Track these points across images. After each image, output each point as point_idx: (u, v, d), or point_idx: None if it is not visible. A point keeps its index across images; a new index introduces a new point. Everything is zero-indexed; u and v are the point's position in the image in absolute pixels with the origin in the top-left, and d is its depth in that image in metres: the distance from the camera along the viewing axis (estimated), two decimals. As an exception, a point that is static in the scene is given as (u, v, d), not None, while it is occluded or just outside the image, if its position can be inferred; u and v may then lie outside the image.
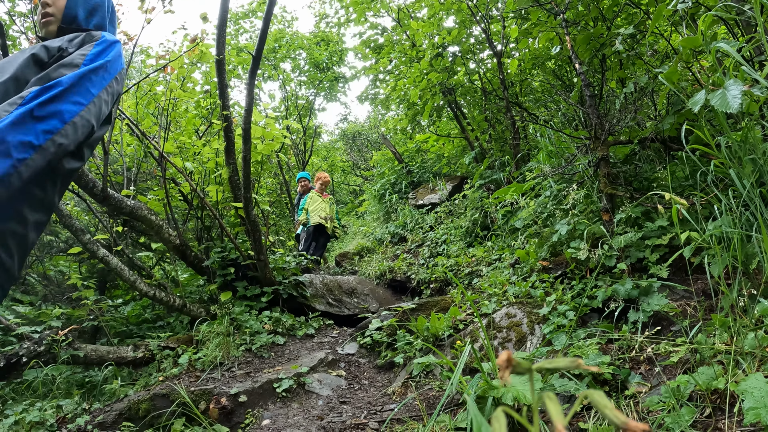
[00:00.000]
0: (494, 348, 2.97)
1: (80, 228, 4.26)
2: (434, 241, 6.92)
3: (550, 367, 0.56)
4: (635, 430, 0.48)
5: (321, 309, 5.27)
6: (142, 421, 2.93)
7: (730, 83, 2.00)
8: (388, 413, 2.73)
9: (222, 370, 3.60)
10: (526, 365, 0.54)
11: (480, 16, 6.32)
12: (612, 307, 2.73)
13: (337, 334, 4.81)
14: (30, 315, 4.87)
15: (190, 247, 4.73)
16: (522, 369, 0.54)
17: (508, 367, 0.52)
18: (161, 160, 4.49)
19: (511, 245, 4.85)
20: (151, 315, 5.30)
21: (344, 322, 5.22)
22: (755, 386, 1.52)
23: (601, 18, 3.94)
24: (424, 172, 9.96)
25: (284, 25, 14.94)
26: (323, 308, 5.30)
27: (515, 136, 6.07)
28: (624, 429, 0.48)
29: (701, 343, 2.03)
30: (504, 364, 0.51)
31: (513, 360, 0.52)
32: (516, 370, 0.52)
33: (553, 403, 0.50)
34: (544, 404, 0.51)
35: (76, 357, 3.74)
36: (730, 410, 1.69)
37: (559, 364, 0.55)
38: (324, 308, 5.31)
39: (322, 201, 8.40)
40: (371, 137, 16.28)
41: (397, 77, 8.58)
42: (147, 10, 4.30)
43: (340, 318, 5.27)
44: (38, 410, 3.05)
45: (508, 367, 0.51)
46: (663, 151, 3.49)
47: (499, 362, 0.52)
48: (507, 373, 0.51)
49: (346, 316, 5.29)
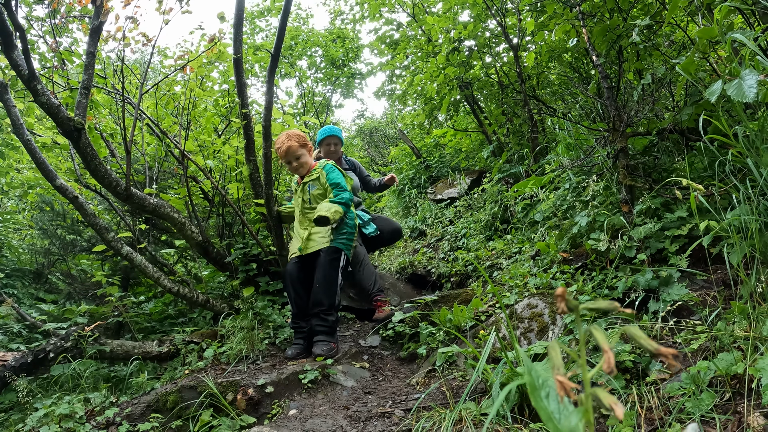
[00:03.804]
0: (516, 338, 3.01)
1: (104, 226, 4.35)
2: (454, 235, 6.95)
3: (594, 307, 0.64)
4: (666, 354, 0.55)
5: (343, 303, 5.33)
6: (170, 412, 3.01)
7: (746, 73, 2.02)
8: (412, 402, 2.78)
9: (247, 363, 3.68)
10: (575, 302, 0.62)
11: (495, 9, 6.33)
12: (632, 297, 2.75)
13: (359, 327, 4.87)
14: (54, 312, 4.98)
15: (212, 244, 4.80)
16: (572, 305, 0.61)
17: (563, 300, 0.59)
18: (182, 158, 4.57)
19: (531, 238, 4.87)
20: (174, 311, 5.38)
21: (366, 315, 5.27)
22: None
23: (617, 9, 3.94)
24: (443, 167, 9.97)
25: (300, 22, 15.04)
26: (345, 302, 5.36)
27: (533, 129, 6.07)
28: (657, 353, 0.55)
29: (721, 330, 2.06)
30: (560, 297, 0.59)
31: (566, 295, 0.60)
32: (568, 305, 0.60)
33: (599, 332, 0.57)
34: (591, 334, 0.58)
35: (103, 352, 3.84)
36: (749, 394, 1.72)
37: (601, 305, 0.63)
38: (346, 302, 5.37)
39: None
40: (388, 133, 16.29)
41: (413, 72, 8.61)
42: (165, 11, 4.37)
43: (362, 312, 5.33)
44: (67, 403, 3.13)
45: (563, 300, 0.59)
46: (681, 141, 3.50)
47: (557, 294, 0.63)
48: (563, 305, 0.59)
49: (367, 309, 5.35)
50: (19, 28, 3.30)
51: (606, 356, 0.55)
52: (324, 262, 3.96)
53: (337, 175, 4.20)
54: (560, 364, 0.56)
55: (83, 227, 6.09)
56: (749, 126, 2.29)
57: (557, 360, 0.57)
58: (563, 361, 0.86)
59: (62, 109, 3.50)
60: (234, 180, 5.17)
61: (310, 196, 4.19)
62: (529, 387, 0.58)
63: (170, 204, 4.47)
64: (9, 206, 8.07)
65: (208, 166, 4.79)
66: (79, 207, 4.24)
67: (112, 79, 5.18)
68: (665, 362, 0.57)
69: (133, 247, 4.66)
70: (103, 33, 4.14)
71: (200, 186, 5.14)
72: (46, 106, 3.44)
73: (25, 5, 5.34)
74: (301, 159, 4.20)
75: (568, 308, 0.59)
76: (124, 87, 4.25)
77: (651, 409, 1.92)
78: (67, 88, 4.53)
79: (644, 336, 0.58)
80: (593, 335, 0.59)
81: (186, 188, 4.67)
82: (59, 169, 5.48)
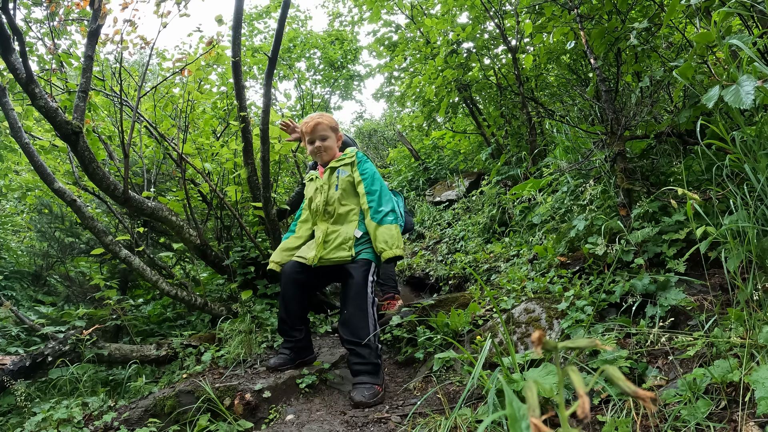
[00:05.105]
0: (513, 343, 3.01)
1: (102, 229, 4.35)
2: (452, 238, 6.95)
3: (572, 346, 0.64)
4: (644, 397, 0.55)
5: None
6: (167, 417, 3.01)
7: (744, 79, 2.02)
8: (409, 407, 2.78)
9: (245, 367, 3.67)
10: (553, 343, 0.62)
11: (494, 11, 6.33)
12: (629, 302, 2.75)
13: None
14: (53, 315, 4.97)
15: (210, 247, 4.80)
16: (550, 346, 0.61)
17: (539, 344, 0.59)
18: (180, 161, 4.57)
19: (529, 241, 4.87)
20: (173, 314, 5.38)
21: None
22: (767, 377, 1.55)
23: (616, 11, 3.94)
24: (441, 169, 9.97)
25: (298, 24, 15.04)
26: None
27: (531, 131, 6.07)
28: (634, 396, 0.55)
29: (717, 336, 2.06)
30: (536, 341, 0.59)
31: (543, 338, 0.59)
32: (545, 347, 0.60)
33: (575, 375, 0.57)
34: (568, 377, 0.58)
35: (101, 356, 3.84)
36: (745, 402, 1.72)
37: (580, 344, 0.62)
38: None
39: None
40: (387, 134, 16.30)
41: (412, 74, 8.61)
42: (163, 14, 4.37)
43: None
44: (65, 407, 3.13)
45: (539, 344, 0.59)
46: (679, 145, 3.50)
47: (533, 339, 0.61)
48: (539, 348, 0.59)
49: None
50: (17, 32, 3.30)
51: (581, 401, 0.55)
52: (356, 282, 3.28)
53: (369, 165, 3.62)
54: (536, 405, 0.56)
55: (82, 230, 6.08)
56: (747, 131, 2.29)
57: (533, 401, 0.56)
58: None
59: (60, 113, 3.50)
60: (232, 183, 5.17)
61: (339, 183, 3.55)
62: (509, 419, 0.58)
63: (168, 207, 4.46)
64: (7, 208, 8.07)
65: (206, 169, 4.78)
66: (77, 210, 4.24)
67: (110, 81, 5.18)
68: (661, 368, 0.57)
69: (132, 250, 4.66)
70: (102, 36, 4.14)
71: (198, 189, 5.13)
72: (44, 110, 3.44)
73: (23, 7, 5.33)
74: (327, 141, 3.64)
75: (545, 350, 0.59)
76: (122, 89, 4.24)
77: (647, 416, 1.92)
78: (65, 91, 4.53)
79: (622, 377, 0.59)
80: (571, 378, 0.59)
81: (184, 191, 4.67)
82: (57, 171, 5.47)
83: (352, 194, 3.56)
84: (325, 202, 3.52)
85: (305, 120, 3.69)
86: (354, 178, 3.55)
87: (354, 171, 3.56)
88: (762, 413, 1.50)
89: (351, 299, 3.28)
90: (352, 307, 3.26)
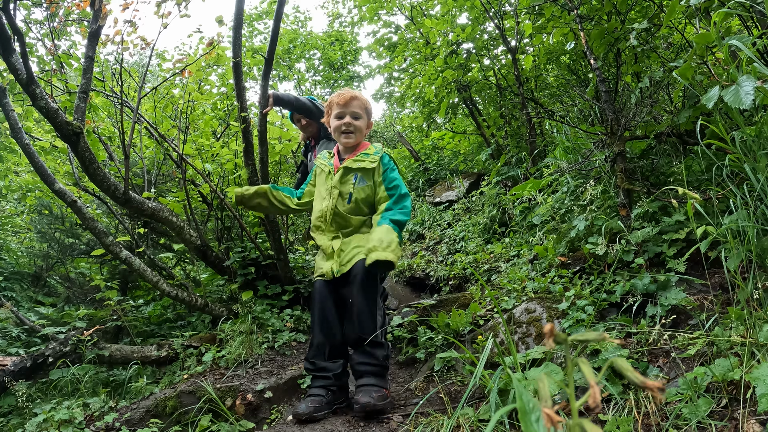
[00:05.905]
0: (514, 342, 3.01)
1: (103, 230, 4.34)
2: (452, 238, 6.96)
3: (582, 339, 0.65)
4: (652, 387, 0.55)
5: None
6: (169, 417, 3.01)
7: (743, 79, 2.03)
8: (411, 407, 2.78)
9: (246, 368, 3.67)
10: (563, 336, 0.62)
11: (493, 12, 6.34)
12: (630, 302, 2.75)
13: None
14: (53, 316, 4.97)
15: (210, 248, 4.80)
16: (560, 338, 0.62)
17: (551, 336, 0.60)
18: (181, 162, 4.57)
19: (530, 241, 4.87)
20: (173, 315, 5.38)
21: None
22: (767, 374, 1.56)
23: (615, 12, 3.95)
24: (441, 170, 9.99)
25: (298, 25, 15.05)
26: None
27: (531, 132, 6.08)
28: (643, 386, 0.56)
29: (718, 335, 2.07)
30: (549, 333, 0.60)
31: (554, 330, 0.61)
32: (556, 340, 0.61)
33: (585, 366, 0.58)
34: (578, 366, 0.59)
35: (102, 356, 3.84)
36: (746, 401, 1.73)
37: (589, 337, 0.63)
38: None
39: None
40: (387, 135, 16.30)
41: (411, 75, 8.62)
42: (163, 15, 4.37)
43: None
44: (66, 408, 3.13)
45: (551, 335, 0.60)
46: (679, 145, 3.51)
47: (545, 330, 0.66)
48: (551, 340, 0.60)
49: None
50: (18, 32, 3.30)
51: (592, 390, 0.56)
52: (362, 278, 2.88)
53: (397, 174, 3.19)
54: (548, 396, 0.57)
55: (82, 231, 6.07)
56: (746, 131, 2.30)
57: (545, 392, 0.57)
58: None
59: (61, 114, 3.50)
60: (233, 184, 5.17)
61: (354, 193, 3.08)
62: (520, 412, 0.59)
63: (169, 208, 4.46)
64: (8, 209, 8.07)
65: (206, 170, 4.79)
66: (77, 211, 4.24)
67: (110, 82, 5.18)
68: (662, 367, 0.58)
69: (132, 251, 4.66)
70: (102, 37, 4.14)
71: (199, 190, 5.14)
72: (45, 111, 3.44)
73: (23, 8, 5.34)
74: (357, 122, 3.14)
75: (555, 342, 0.60)
76: (123, 90, 4.24)
77: (648, 414, 1.92)
78: (66, 92, 4.53)
79: (631, 369, 0.60)
80: (581, 368, 0.60)
81: (185, 192, 4.67)
82: (58, 172, 5.47)
83: (367, 207, 3.16)
84: (334, 212, 3.09)
85: (339, 91, 3.19)
86: (378, 192, 3.13)
87: (377, 178, 3.12)
88: (763, 411, 1.51)
89: (358, 285, 2.88)
90: (360, 296, 2.86)
